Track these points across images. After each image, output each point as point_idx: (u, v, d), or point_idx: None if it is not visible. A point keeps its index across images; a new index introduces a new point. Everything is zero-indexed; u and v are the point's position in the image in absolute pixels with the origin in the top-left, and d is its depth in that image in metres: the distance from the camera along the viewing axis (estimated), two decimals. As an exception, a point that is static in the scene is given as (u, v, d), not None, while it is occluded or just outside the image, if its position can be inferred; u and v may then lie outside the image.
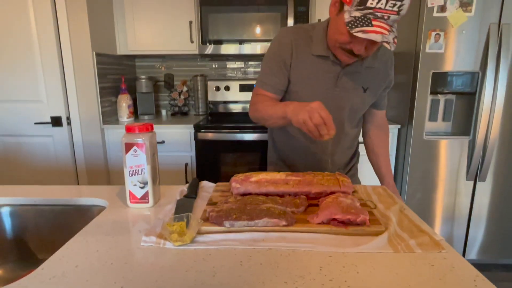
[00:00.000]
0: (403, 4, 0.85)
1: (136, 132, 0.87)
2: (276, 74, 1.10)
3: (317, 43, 1.07)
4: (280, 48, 1.09)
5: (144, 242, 0.72)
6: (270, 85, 1.11)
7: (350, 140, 1.23)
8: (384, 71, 1.14)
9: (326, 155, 1.18)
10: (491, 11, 1.87)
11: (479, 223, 2.15)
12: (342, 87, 1.09)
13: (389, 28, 0.86)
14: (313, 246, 0.69)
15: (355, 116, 1.18)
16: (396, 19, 0.87)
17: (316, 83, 1.09)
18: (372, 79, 1.12)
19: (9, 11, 2.02)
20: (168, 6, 2.37)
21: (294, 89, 1.11)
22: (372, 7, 0.85)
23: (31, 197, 0.99)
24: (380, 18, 0.85)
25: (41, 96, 2.14)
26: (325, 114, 0.85)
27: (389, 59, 1.15)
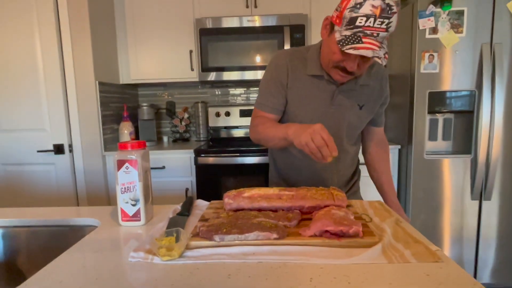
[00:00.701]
0: (391, 21, 0.88)
1: (128, 149, 0.88)
2: (274, 95, 1.13)
3: (311, 64, 1.10)
4: (277, 70, 1.13)
5: (132, 257, 0.70)
6: (269, 106, 1.13)
7: (351, 157, 1.23)
8: (379, 88, 1.16)
9: (330, 173, 1.18)
10: (482, 31, 1.91)
11: (488, 244, 2.07)
12: (338, 105, 1.11)
13: (379, 45, 0.88)
14: (305, 258, 0.67)
15: (354, 134, 1.19)
16: (385, 36, 0.90)
17: (313, 102, 1.11)
18: (368, 96, 1.14)
19: (17, 42, 2.11)
20: (169, 36, 2.46)
21: (291, 109, 1.13)
22: (361, 25, 0.88)
23: (24, 218, 0.98)
24: (369, 36, 0.88)
25: (44, 124, 2.19)
26: (327, 136, 0.86)
27: (383, 76, 1.17)
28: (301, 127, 0.91)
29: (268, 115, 1.13)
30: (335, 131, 1.12)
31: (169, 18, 2.44)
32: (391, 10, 0.87)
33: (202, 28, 2.37)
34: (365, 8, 0.87)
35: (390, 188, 1.27)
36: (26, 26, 2.10)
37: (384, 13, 0.87)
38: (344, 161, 1.21)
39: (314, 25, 2.40)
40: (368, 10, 0.86)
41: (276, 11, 2.38)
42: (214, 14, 2.40)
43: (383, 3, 0.86)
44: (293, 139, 0.92)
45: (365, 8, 0.87)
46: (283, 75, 1.12)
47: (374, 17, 0.87)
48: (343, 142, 1.16)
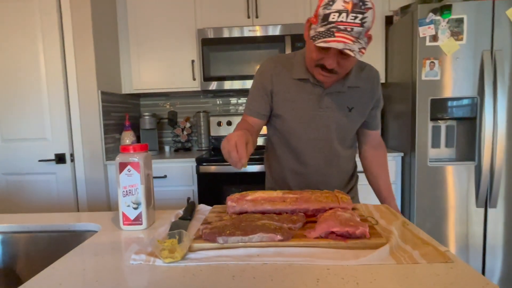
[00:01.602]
0: (365, 17, 0.88)
1: (130, 151, 0.87)
2: (257, 99, 1.15)
3: (297, 68, 1.11)
4: (261, 76, 1.16)
5: (134, 260, 0.68)
6: (251, 110, 1.16)
7: (345, 161, 1.21)
8: (370, 90, 1.15)
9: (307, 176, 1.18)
10: (482, 38, 1.92)
11: (495, 252, 2.03)
12: (326, 107, 1.11)
13: (354, 39, 0.88)
14: (310, 260, 0.66)
15: (345, 136, 1.17)
16: (361, 31, 0.90)
17: (300, 105, 1.11)
18: (358, 98, 1.13)
19: (20, 51, 2.13)
20: (171, 46, 2.48)
21: (279, 112, 1.14)
22: (334, 21, 0.89)
23: (23, 224, 0.97)
24: (343, 31, 0.88)
25: (46, 133, 2.19)
26: (240, 143, 0.85)
27: (374, 78, 1.17)
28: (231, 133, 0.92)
29: (249, 118, 1.16)
30: (325, 133, 1.13)
31: (172, 29, 2.46)
32: (365, 6, 0.88)
33: (204, 38, 2.40)
34: (337, 4, 0.88)
35: (388, 193, 1.24)
36: (30, 36, 2.12)
37: (357, 8, 0.87)
38: (337, 165, 1.19)
39: (315, 35, 2.42)
40: (340, 6, 0.88)
41: (277, 21, 2.41)
42: (216, 25, 2.43)
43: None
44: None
45: (337, 4, 0.88)
46: (266, 81, 1.14)
47: (346, 12, 0.88)
48: (334, 145, 1.15)
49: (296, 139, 1.15)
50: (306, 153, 1.16)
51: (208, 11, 2.44)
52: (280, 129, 1.17)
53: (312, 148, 1.15)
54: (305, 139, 1.14)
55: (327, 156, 1.16)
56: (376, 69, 1.19)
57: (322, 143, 1.15)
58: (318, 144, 1.15)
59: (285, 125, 1.15)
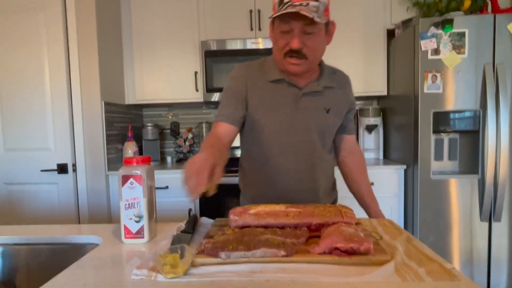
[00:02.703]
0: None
1: (133, 164, 0.87)
2: (231, 105, 1.10)
3: (270, 70, 1.11)
4: (234, 82, 1.12)
5: (135, 275, 0.68)
6: (225, 116, 1.09)
7: (328, 166, 1.19)
8: (343, 93, 1.17)
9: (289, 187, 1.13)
10: (483, 52, 1.93)
11: (500, 267, 2.00)
12: (303, 108, 1.09)
13: (310, 11, 0.91)
14: (314, 276, 0.65)
15: (325, 139, 1.15)
16: (318, 5, 0.93)
17: (277, 108, 1.09)
18: (334, 100, 1.13)
19: (25, 61, 2.15)
20: (175, 58, 2.50)
21: (257, 117, 1.10)
22: (289, 0, 0.93)
23: (24, 236, 0.96)
24: (298, 6, 0.91)
25: (49, 143, 2.19)
26: (202, 168, 0.75)
27: (346, 82, 1.19)
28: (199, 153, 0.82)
29: (223, 125, 1.08)
30: (306, 134, 1.10)
31: (175, 40, 2.49)
32: None
33: (207, 50, 2.42)
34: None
35: (371, 199, 1.21)
36: (35, 47, 2.15)
37: None
38: (322, 169, 1.16)
39: (317, 47, 2.44)
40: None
41: (279, 34, 2.43)
42: (219, 37, 2.46)
43: None
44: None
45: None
46: (240, 86, 1.10)
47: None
48: (316, 147, 1.13)
49: (276, 144, 1.11)
50: (288, 158, 1.11)
51: (212, 24, 2.47)
52: (259, 137, 1.12)
53: (294, 152, 1.11)
54: (287, 143, 1.10)
55: (311, 160, 1.12)
56: (347, 75, 1.21)
57: (303, 146, 1.11)
58: (300, 147, 1.11)
59: (263, 131, 1.10)
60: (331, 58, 2.41)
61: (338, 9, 2.41)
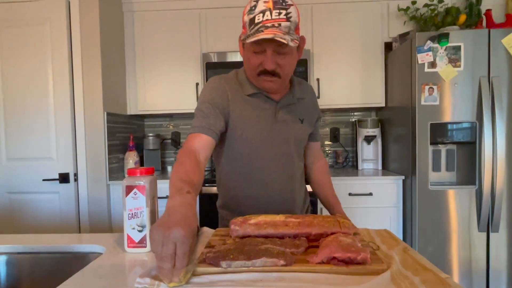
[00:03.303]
0: (289, 12, 0.94)
1: (137, 175, 0.89)
2: (210, 116, 1.04)
3: (245, 85, 1.11)
4: (213, 92, 1.08)
5: (138, 283, 0.69)
6: (204, 127, 1.02)
7: (301, 175, 1.23)
8: (311, 102, 1.22)
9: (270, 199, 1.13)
10: (479, 65, 1.98)
11: (499, 278, 2.01)
12: (282, 120, 1.12)
13: (283, 33, 0.92)
14: (313, 286, 0.66)
15: (300, 149, 1.20)
16: (289, 25, 0.94)
17: (257, 121, 1.10)
18: (305, 110, 1.18)
19: (29, 71, 2.20)
20: (176, 69, 2.55)
21: (238, 133, 1.09)
22: (260, 21, 0.94)
23: (28, 245, 0.98)
24: (271, 27, 0.93)
25: (51, 153, 2.22)
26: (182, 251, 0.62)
27: (311, 90, 1.25)
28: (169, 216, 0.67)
29: (201, 137, 1.01)
30: (285, 146, 1.13)
31: (177, 52, 2.54)
32: (286, 3, 0.94)
33: (208, 62, 2.47)
34: (259, 7, 0.94)
35: (335, 200, 1.26)
36: (40, 58, 2.19)
37: (278, 5, 0.93)
38: (298, 179, 1.19)
39: (317, 60, 2.49)
40: (262, 7, 0.94)
41: (279, 46, 2.48)
42: (220, 49, 2.51)
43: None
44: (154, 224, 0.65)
45: (259, 7, 0.94)
46: (222, 98, 1.07)
47: (269, 10, 0.93)
48: (294, 158, 1.16)
49: (258, 158, 1.11)
50: (270, 172, 1.12)
51: (213, 36, 2.52)
52: (239, 152, 1.11)
53: (275, 165, 1.12)
54: (267, 156, 1.11)
55: (289, 171, 1.15)
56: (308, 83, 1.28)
57: (283, 158, 1.13)
58: (280, 159, 1.13)
59: (244, 146, 1.09)
60: (331, 70, 2.47)
61: (337, 23, 2.46)
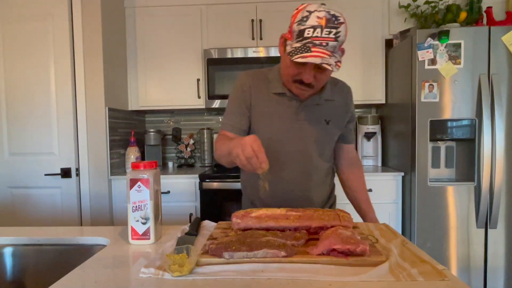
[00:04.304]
0: (339, 31, 0.93)
1: (141, 168, 0.91)
2: (236, 114, 1.15)
3: (273, 82, 1.14)
4: (240, 90, 1.16)
5: (143, 273, 0.71)
6: (230, 125, 1.14)
7: (324, 175, 1.21)
8: (344, 104, 1.20)
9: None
10: (479, 62, 1.99)
11: (496, 274, 2.03)
12: (303, 120, 1.13)
13: (330, 53, 0.92)
14: (313, 276, 0.68)
15: (324, 149, 1.18)
16: (336, 45, 0.94)
17: (278, 119, 1.12)
18: (334, 112, 1.17)
19: (31, 67, 2.21)
20: (178, 65, 2.56)
21: (256, 127, 1.14)
22: (309, 36, 0.93)
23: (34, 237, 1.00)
24: (319, 46, 0.92)
25: (53, 148, 2.23)
26: (257, 147, 0.85)
27: (348, 93, 1.22)
28: (238, 140, 0.90)
29: (229, 133, 1.13)
30: (303, 146, 1.14)
31: (178, 48, 2.55)
32: (338, 21, 0.92)
33: (209, 58, 2.47)
34: (311, 20, 0.92)
35: (367, 206, 1.25)
36: (42, 54, 2.20)
37: (330, 23, 0.92)
38: (317, 178, 1.19)
39: (317, 56, 2.49)
40: (314, 22, 0.92)
41: (280, 43, 2.48)
42: (221, 45, 2.51)
43: (327, 14, 0.92)
44: (231, 152, 0.91)
45: (311, 20, 0.92)
46: (246, 95, 1.14)
47: (320, 27, 0.92)
48: (313, 158, 1.16)
49: (274, 153, 1.10)
50: (284, 167, 1.14)
51: (214, 33, 2.53)
52: None
53: (291, 162, 1.14)
54: (283, 152, 1.13)
55: (305, 170, 1.16)
56: (348, 85, 1.24)
57: (300, 156, 1.14)
58: (297, 157, 1.14)
59: (263, 140, 1.09)
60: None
61: (337, 20, 2.47)
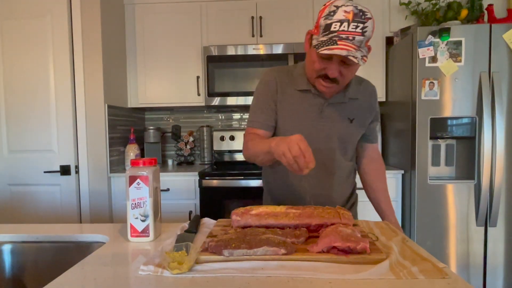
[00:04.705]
0: (366, 26, 0.93)
1: (140, 165, 0.90)
2: (264, 111, 1.15)
3: (299, 79, 1.14)
4: (266, 86, 1.16)
5: (142, 270, 0.71)
6: (259, 122, 1.15)
7: (346, 174, 1.22)
8: (369, 103, 1.19)
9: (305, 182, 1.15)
10: (480, 60, 1.98)
11: (496, 272, 2.03)
12: (327, 118, 1.13)
13: (356, 47, 0.92)
14: (313, 273, 0.68)
15: (347, 148, 1.18)
16: (362, 40, 0.94)
17: (302, 115, 1.13)
18: (358, 110, 1.16)
19: (31, 64, 2.20)
20: (178, 63, 2.55)
21: (280, 123, 1.15)
22: (336, 30, 0.93)
23: (33, 234, 0.99)
24: (345, 39, 0.92)
25: (52, 145, 2.23)
26: (304, 146, 0.85)
27: (372, 93, 1.21)
28: (282, 139, 0.91)
29: (258, 131, 1.14)
30: (327, 143, 1.14)
31: (178, 45, 2.54)
32: (365, 16, 0.93)
33: (209, 55, 2.47)
34: (338, 15, 0.93)
35: (388, 207, 1.24)
36: (41, 50, 2.19)
37: (357, 18, 0.92)
38: (339, 176, 1.19)
39: (317, 54, 2.48)
40: (341, 16, 0.92)
41: (280, 40, 2.48)
42: (221, 43, 2.50)
43: (355, 9, 0.92)
44: (274, 150, 0.91)
45: (339, 14, 0.93)
46: (272, 91, 1.15)
47: (347, 21, 0.92)
48: (336, 156, 1.16)
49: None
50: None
51: (214, 30, 2.52)
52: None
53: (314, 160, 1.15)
54: None
55: (328, 168, 1.16)
56: (373, 85, 1.23)
57: (323, 154, 1.14)
58: (319, 154, 1.12)
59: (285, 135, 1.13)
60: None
61: (338, 17, 2.45)
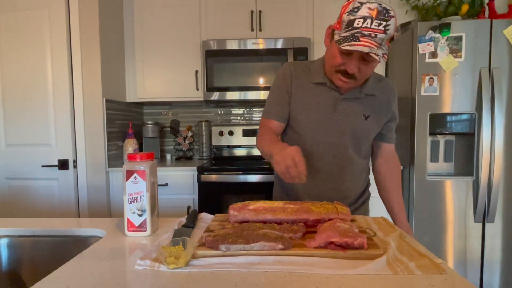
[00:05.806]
0: (388, 24, 0.93)
1: (137, 159, 0.90)
2: (279, 103, 1.17)
3: (315, 73, 1.15)
4: (281, 78, 1.18)
5: (139, 265, 0.71)
6: (273, 113, 1.18)
7: (358, 170, 1.21)
8: (386, 102, 1.18)
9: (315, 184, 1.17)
10: (480, 56, 1.97)
11: (493, 267, 2.04)
12: (341, 112, 1.13)
13: (377, 45, 0.92)
14: (310, 268, 0.68)
15: (360, 144, 1.17)
16: (384, 37, 0.93)
17: (316, 109, 1.13)
18: (374, 107, 1.15)
19: (28, 58, 2.18)
20: (176, 57, 2.53)
21: (294, 115, 1.16)
22: (359, 26, 0.93)
23: (30, 228, 0.99)
24: (367, 36, 0.92)
25: (50, 139, 2.22)
26: (298, 158, 0.90)
27: (391, 91, 1.20)
28: (281, 149, 0.95)
29: (271, 121, 1.17)
30: (339, 137, 1.14)
31: (177, 40, 2.52)
32: (388, 14, 0.92)
33: (208, 49, 2.45)
34: (362, 11, 0.93)
35: (400, 209, 1.24)
36: (38, 44, 2.17)
37: (381, 15, 0.92)
38: (350, 172, 1.19)
39: (317, 48, 2.47)
40: (365, 13, 0.92)
41: (280, 35, 2.46)
42: (221, 37, 2.49)
43: (379, 6, 0.92)
44: (273, 159, 0.97)
45: (362, 11, 0.93)
46: (287, 83, 1.17)
47: (371, 18, 0.92)
48: (348, 150, 1.15)
49: (309, 142, 1.15)
50: (318, 158, 1.15)
51: (213, 24, 2.50)
52: (294, 132, 1.18)
53: (325, 153, 1.15)
54: (319, 142, 1.14)
55: (340, 163, 1.15)
56: (394, 83, 1.22)
57: (335, 148, 1.14)
58: (332, 148, 1.15)
59: (299, 128, 1.16)
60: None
61: (338, 11, 2.44)
